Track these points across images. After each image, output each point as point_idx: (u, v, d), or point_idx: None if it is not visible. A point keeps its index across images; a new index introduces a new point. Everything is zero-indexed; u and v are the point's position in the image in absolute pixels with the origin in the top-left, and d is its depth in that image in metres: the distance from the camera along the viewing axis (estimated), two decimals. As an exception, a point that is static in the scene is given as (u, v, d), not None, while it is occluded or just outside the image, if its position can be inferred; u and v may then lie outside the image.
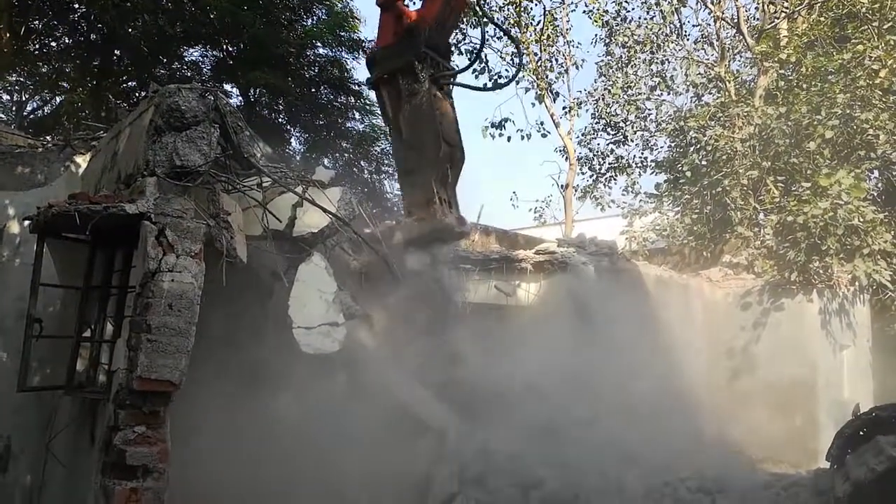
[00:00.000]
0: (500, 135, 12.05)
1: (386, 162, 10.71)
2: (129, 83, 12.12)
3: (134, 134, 4.85)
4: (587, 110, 13.22)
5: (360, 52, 11.33)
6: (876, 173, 10.88)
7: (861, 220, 9.51)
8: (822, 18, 11.30)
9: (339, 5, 11.57)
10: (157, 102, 4.53)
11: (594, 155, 12.95)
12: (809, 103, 10.52)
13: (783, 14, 11.97)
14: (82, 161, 6.10)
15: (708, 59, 12.44)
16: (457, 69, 4.47)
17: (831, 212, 9.50)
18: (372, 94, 11.16)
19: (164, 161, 4.34)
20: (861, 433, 5.70)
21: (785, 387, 10.35)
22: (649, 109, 12.62)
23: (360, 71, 11.60)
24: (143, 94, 9.17)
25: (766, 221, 10.66)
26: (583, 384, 8.87)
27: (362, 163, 10.73)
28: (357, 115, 10.95)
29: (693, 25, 13.19)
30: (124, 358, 3.98)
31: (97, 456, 4.01)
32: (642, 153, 12.61)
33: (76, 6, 11.16)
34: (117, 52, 11.53)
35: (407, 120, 3.92)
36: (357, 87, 11.09)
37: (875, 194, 10.66)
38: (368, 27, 12.87)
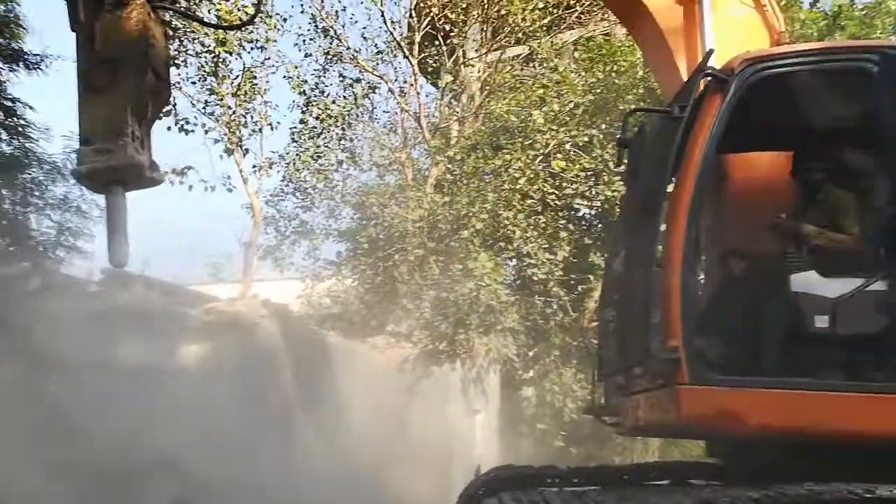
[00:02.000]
0: (182, 182, 11.58)
1: (36, 193, 9.38)
2: None
3: None
4: (278, 172, 13.49)
5: (22, 65, 9.98)
6: (513, 262, 12.88)
7: (497, 300, 11.12)
8: (483, 127, 13.30)
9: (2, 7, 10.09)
10: None
11: (281, 217, 13.22)
12: (468, 196, 12.11)
13: (455, 118, 13.81)
14: None
15: (392, 144, 13.75)
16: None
17: (476, 292, 10.94)
18: (28, 113, 9.87)
19: None
20: (481, 492, 6.52)
21: (432, 448, 11.43)
22: (337, 181, 13.39)
23: (16, 86, 10.12)
24: None
25: (426, 296, 11.86)
26: (238, 452, 8.67)
27: (3, 191, 9.21)
28: (4, 135, 9.47)
29: (383, 111, 14.43)
30: None
31: None
32: (327, 221, 13.22)
33: None
34: None
35: (106, 29, 3.13)
36: (11, 104, 9.66)
37: (511, 280, 12.60)
38: (36, 38, 11.47)
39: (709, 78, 3.38)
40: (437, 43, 13.63)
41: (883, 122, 3.28)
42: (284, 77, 13.12)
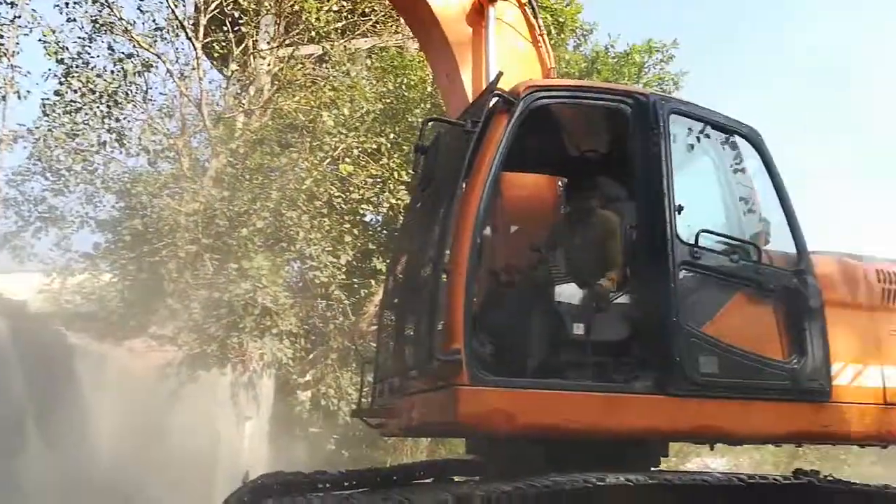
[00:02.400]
0: None
1: None
2: None
3: None
4: (24, 147, 11.65)
5: None
6: (296, 265, 12.56)
7: (275, 303, 10.72)
8: (271, 122, 12.81)
9: None
10: None
11: (24, 199, 11.39)
12: (250, 193, 11.55)
13: (241, 109, 13.14)
14: None
15: (167, 130, 12.63)
16: None
17: (252, 293, 10.44)
18: None
19: None
20: (245, 500, 6.20)
21: (195, 456, 10.67)
22: (98, 164, 11.90)
23: None
24: None
25: (197, 296, 11.05)
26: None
27: None
28: None
29: (160, 93, 13.18)
30: None
31: None
32: (83, 208, 11.69)
33: None
34: None
35: None
36: None
37: (292, 282, 12.29)
38: None
39: (497, 98, 3.63)
40: (225, 29, 12.86)
41: (633, 155, 3.79)
42: (40, 41, 11.42)
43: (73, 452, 9.12)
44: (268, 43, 13.59)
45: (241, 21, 12.81)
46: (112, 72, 12.03)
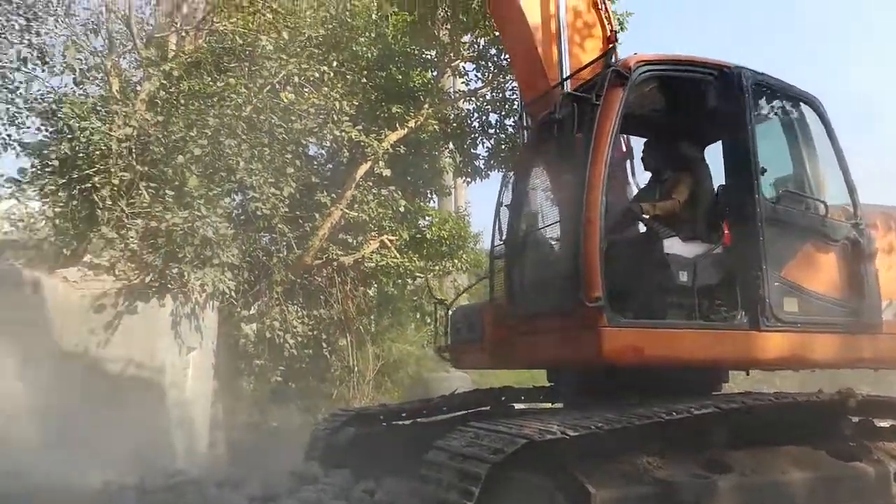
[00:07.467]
0: None
1: None
2: None
3: None
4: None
5: None
6: (235, 196, 12.14)
7: (215, 233, 10.41)
8: (205, 44, 12.01)
9: None
10: None
11: (-61, 118, 9.97)
12: (186, 119, 10.95)
13: (174, 29, 12.16)
14: None
15: (94, 48, 11.44)
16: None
17: (191, 223, 10.08)
18: None
19: None
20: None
21: (136, 389, 10.37)
22: (20, 82, 10.63)
23: None
24: None
25: (133, 225, 10.48)
26: None
27: None
28: None
29: (84, 8, 11.83)
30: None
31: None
32: (6, 129, 10.44)
33: None
34: None
35: None
36: None
37: (232, 213, 11.90)
38: None
39: (613, 72, 4.14)
40: (153, -62, 11.73)
41: (722, 122, 4.43)
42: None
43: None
44: (201, -43, 12.61)
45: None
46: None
